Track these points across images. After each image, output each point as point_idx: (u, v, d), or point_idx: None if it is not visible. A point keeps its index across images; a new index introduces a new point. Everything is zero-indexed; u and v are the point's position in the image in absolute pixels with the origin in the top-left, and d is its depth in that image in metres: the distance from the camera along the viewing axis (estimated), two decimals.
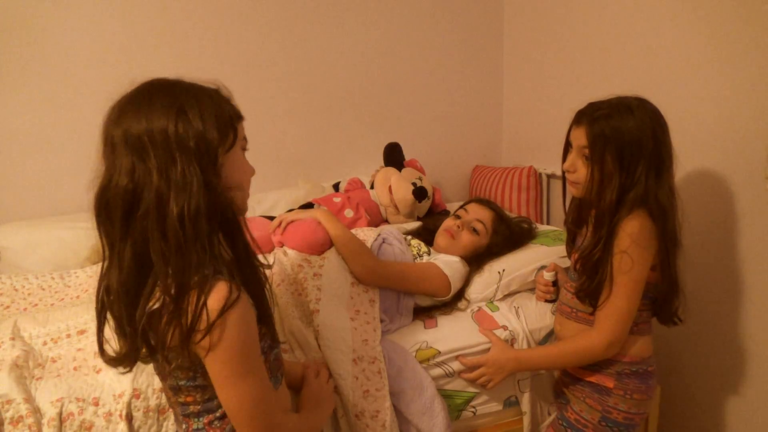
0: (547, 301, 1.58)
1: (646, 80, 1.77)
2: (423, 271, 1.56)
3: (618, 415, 1.26)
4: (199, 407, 0.93)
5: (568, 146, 1.30)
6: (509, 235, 1.75)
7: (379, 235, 1.69)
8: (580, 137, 1.23)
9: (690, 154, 1.59)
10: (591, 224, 1.29)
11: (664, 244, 1.19)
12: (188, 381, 0.90)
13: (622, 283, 1.19)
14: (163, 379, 0.97)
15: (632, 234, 1.17)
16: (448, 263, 1.60)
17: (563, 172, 1.32)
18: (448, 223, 1.75)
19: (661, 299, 1.26)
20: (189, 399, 0.93)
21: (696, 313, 1.63)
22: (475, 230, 1.70)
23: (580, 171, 1.25)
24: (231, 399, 0.87)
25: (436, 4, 2.55)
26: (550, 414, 1.55)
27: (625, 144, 1.17)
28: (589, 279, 1.25)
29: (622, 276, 1.19)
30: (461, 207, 1.81)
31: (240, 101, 2.64)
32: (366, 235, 1.68)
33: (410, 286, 1.55)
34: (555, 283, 1.53)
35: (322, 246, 1.58)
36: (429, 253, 1.69)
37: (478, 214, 1.74)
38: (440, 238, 1.74)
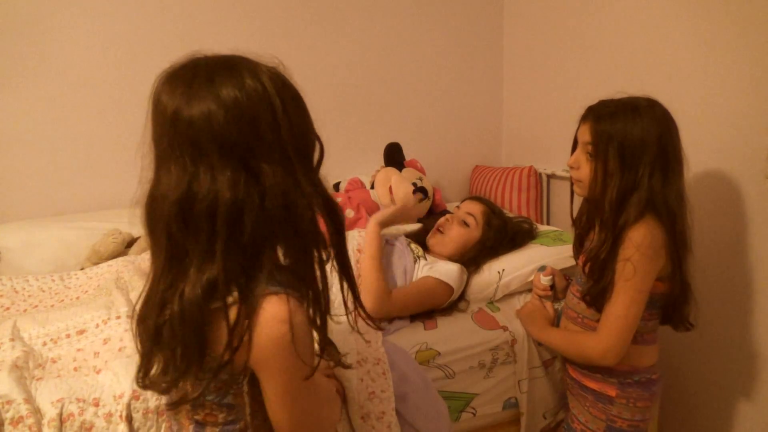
0: None
1: (646, 80, 1.77)
2: (425, 291, 1.55)
3: (623, 423, 1.25)
4: (217, 429, 0.84)
5: (576, 143, 1.30)
6: (503, 228, 1.75)
7: (381, 235, 1.69)
8: (585, 134, 1.23)
9: (689, 153, 1.58)
10: (598, 225, 1.28)
11: (675, 249, 1.17)
12: (217, 397, 0.82)
13: (622, 291, 1.17)
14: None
15: (638, 243, 1.15)
16: (447, 272, 1.58)
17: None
18: (440, 220, 1.78)
19: (672, 305, 1.24)
20: (209, 418, 0.84)
21: (697, 315, 1.63)
22: (464, 223, 1.71)
23: (583, 168, 1.25)
24: (283, 415, 0.80)
25: (436, 5, 2.54)
26: (545, 418, 1.54)
27: (627, 144, 1.16)
28: (595, 283, 1.24)
29: (622, 283, 1.17)
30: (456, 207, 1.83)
31: None
32: None
33: (420, 307, 1.55)
34: (552, 287, 1.52)
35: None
36: (425, 258, 1.68)
37: (468, 208, 1.76)
38: (430, 236, 1.76)
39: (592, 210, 1.33)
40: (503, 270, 1.64)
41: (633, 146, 1.16)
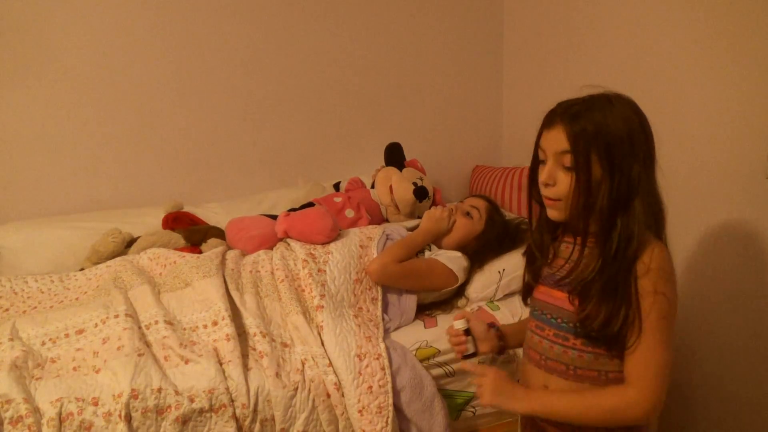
0: (464, 356, 1.16)
1: (645, 80, 1.77)
2: (428, 267, 1.59)
3: None
4: None
5: (537, 158, 1.07)
6: (505, 225, 1.77)
7: (383, 231, 1.71)
8: (557, 141, 0.99)
9: (689, 153, 1.59)
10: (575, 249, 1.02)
11: None
12: None
13: (658, 330, 0.93)
14: None
15: (664, 269, 0.94)
16: (450, 258, 1.62)
17: (530, 193, 1.10)
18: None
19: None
20: None
21: (694, 318, 1.63)
22: (468, 214, 1.72)
23: (562, 183, 0.99)
24: None
25: (437, 4, 2.55)
26: None
27: (614, 141, 0.94)
28: (596, 307, 0.95)
29: (658, 321, 0.93)
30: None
31: (239, 101, 2.66)
32: (370, 232, 1.70)
33: (417, 282, 1.57)
34: (468, 332, 1.17)
35: (330, 231, 1.61)
36: (429, 248, 1.71)
37: (473, 202, 1.79)
38: None
39: (569, 230, 1.07)
40: (503, 270, 1.64)
41: (621, 142, 0.94)
